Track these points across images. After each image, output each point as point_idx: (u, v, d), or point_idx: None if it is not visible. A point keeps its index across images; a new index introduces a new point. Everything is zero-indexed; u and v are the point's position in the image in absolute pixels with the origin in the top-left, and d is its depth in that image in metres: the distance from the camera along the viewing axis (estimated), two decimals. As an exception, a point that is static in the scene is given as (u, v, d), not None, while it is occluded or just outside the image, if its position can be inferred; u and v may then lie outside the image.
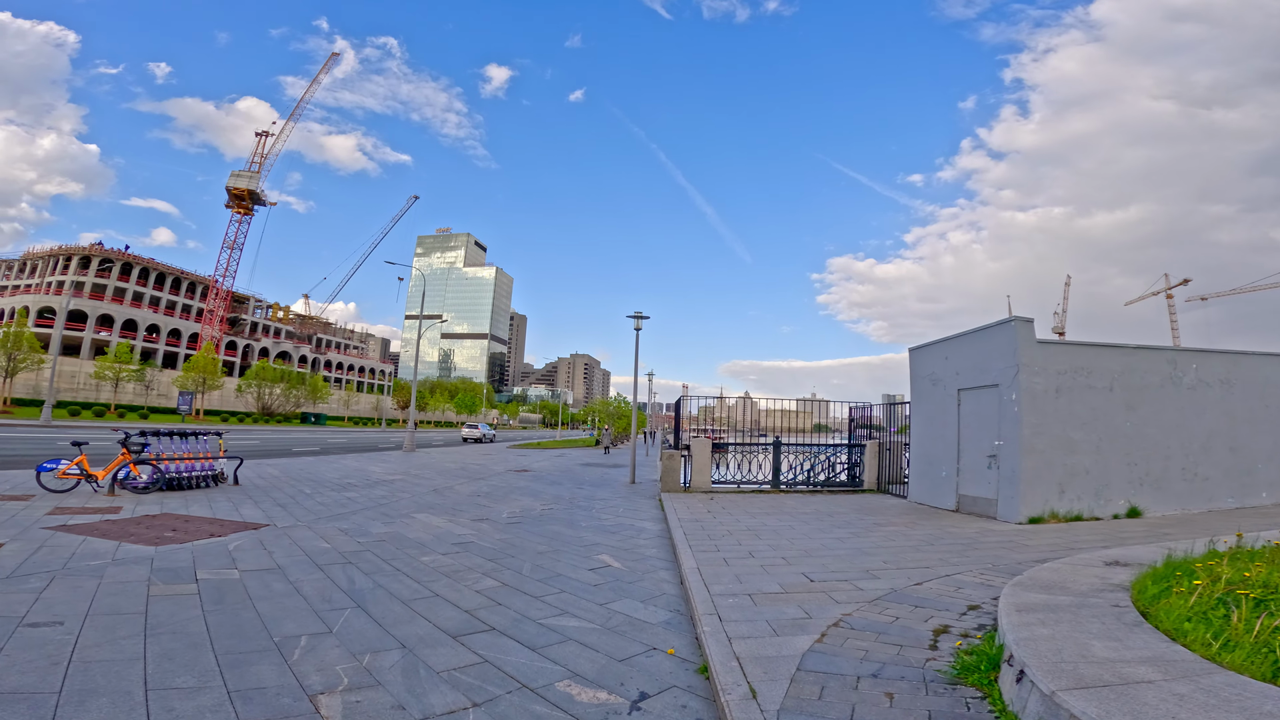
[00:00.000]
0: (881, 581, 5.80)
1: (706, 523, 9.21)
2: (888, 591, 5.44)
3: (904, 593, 5.41)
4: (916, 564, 6.60)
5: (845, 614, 4.77)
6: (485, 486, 14.49)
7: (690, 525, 8.92)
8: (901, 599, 5.19)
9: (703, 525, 8.97)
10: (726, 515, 10.04)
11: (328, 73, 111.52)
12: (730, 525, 9.06)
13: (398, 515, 9.70)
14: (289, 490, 12.22)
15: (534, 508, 11.14)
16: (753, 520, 9.55)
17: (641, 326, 17.70)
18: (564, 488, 14.96)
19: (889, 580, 5.84)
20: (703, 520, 9.45)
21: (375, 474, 16.67)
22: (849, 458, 14.44)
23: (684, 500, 11.80)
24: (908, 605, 5.00)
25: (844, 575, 6.04)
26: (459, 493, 13.10)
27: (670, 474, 12.98)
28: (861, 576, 6.00)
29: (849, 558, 6.89)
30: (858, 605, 5.00)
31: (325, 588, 5.47)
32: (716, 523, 9.26)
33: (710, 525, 9.01)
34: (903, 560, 6.79)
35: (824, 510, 10.89)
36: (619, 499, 12.94)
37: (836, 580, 5.84)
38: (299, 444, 33.19)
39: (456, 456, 26.78)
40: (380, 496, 11.94)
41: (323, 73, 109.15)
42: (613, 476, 18.87)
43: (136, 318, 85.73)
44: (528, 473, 18.96)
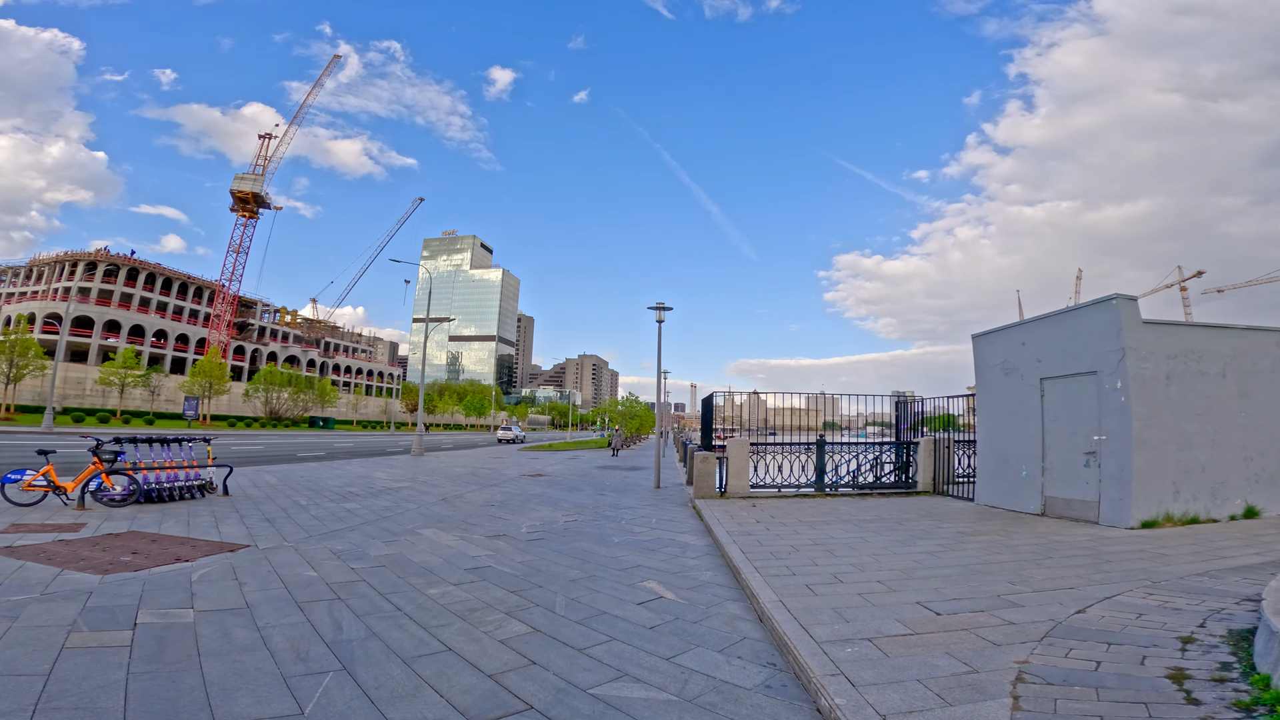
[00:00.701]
0: (1028, 610, 4.49)
1: (761, 535, 7.87)
2: (1049, 624, 4.16)
3: (1073, 625, 4.12)
4: (1052, 584, 5.27)
5: (1020, 661, 3.49)
6: (499, 494, 13.20)
7: (743, 539, 7.58)
8: (1078, 634, 3.92)
9: (758, 539, 7.63)
10: (780, 525, 8.69)
11: (330, 76, 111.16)
12: (790, 538, 7.71)
13: (402, 531, 8.40)
14: (283, 501, 10.96)
15: (555, 519, 9.82)
16: (813, 531, 8.20)
17: (664, 319, 16.38)
18: (584, 494, 13.65)
19: (1037, 608, 4.53)
20: (754, 532, 8.11)
21: (380, 481, 15.41)
22: (897, 457, 13.06)
23: (723, 508, 10.46)
24: (1095, 643, 3.72)
25: (973, 603, 4.71)
26: (471, 502, 11.81)
27: (704, 478, 11.64)
28: (996, 604, 4.68)
29: (960, 578, 5.54)
30: (1028, 647, 3.72)
31: (302, 637, 4.17)
32: (773, 535, 7.91)
33: (766, 539, 7.67)
34: (1030, 579, 5.45)
35: (887, 516, 9.51)
36: (647, 507, 11.62)
37: (968, 611, 4.51)
38: (305, 449, 32.07)
39: (466, 460, 25.54)
40: (384, 508, 10.66)
41: (325, 76, 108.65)
42: (634, 481, 17.55)
43: (143, 323, 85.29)
44: (543, 478, 17.66)
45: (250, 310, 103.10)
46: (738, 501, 11.24)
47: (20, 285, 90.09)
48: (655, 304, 16.24)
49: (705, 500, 11.33)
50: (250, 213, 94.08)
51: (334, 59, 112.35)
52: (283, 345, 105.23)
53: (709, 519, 9.24)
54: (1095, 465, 8.52)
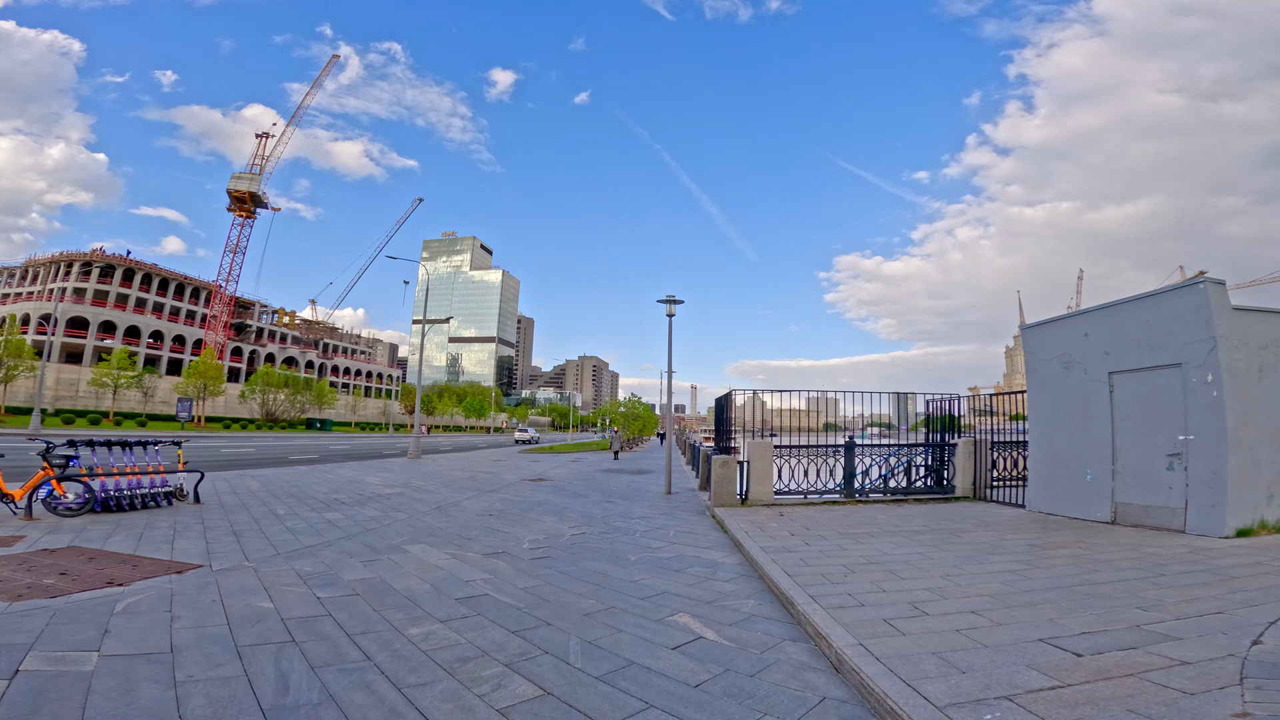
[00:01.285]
0: (1190, 644, 3.54)
1: (802, 552, 6.79)
2: (1233, 660, 3.27)
3: (1263, 660, 3.18)
4: (1192, 608, 4.30)
5: (1238, 716, 2.47)
6: (498, 502, 12.12)
7: (783, 557, 6.51)
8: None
9: (800, 556, 6.55)
10: (819, 539, 7.61)
11: (329, 76, 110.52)
12: (837, 555, 6.63)
13: (386, 548, 7.31)
14: (258, 510, 9.88)
15: (561, 532, 8.74)
16: (860, 546, 7.13)
17: (674, 313, 15.32)
18: (591, 501, 12.57)
19: (1198, 640, 3.61)
20: (793, 548, 7.03)
21: (371, 486, 14.33)
22: (930, 459, 11.99)
23: (747, 517, 9.39)
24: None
25: (1113, 637, 3.71)
26: (467, 511, 10.74)
27: (724, 484, 10.56)
28: (1143, 637, 3.68)
29: (1073, 604, 4.49)
30: (1231, 694, 2.73)
31: (230, 701, 3.10)
32: (815, 551, 6.84)
33: (810, 556, 6.59)
34: (1160, 603, 4.45)
35: (936, 526, 8.43)
36: (661, 516, 10.54)
37: (1115, 649, 3.53)
38: (298, 451, 31.00)
39: (465, 464, 24.46)
40: (369, 518, 9.59)
41: (323, 76, 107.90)
42: (642, 486, 16.46)
43: (139, 324, 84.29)
44: (545, 482, 16.57)
45: (248, 311, 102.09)
46: (762, 510, 10.16)
47: (15, 286, 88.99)
48: (665, 297, 15.18)
49: (726, 509, 10.25)
50: (247, 213, 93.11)
51: (332, 59, 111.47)
52: (281, 346, 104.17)
53: (735, 531, 8.16)
54: (1181, 468, 7.45)
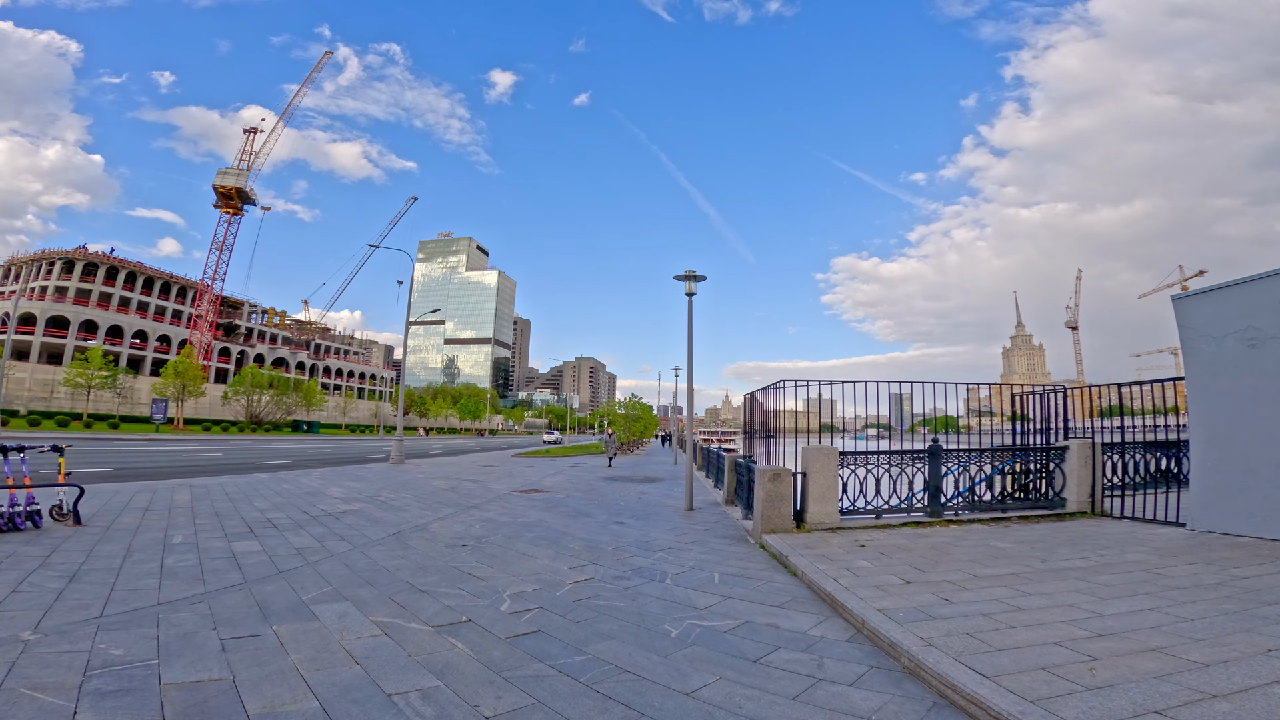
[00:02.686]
0: None
1: (956, 618, 4.20)
2: None
3: None
4: None
5: None
6: (477, 524, 9.52)
7: (933, 630, 3.92)
8: None
9: (961, 626, 3.95)
10: (959, 589, 5.00)
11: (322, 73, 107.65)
12: (1026, 624, 4.02)
13: (284, 609, 4.71)
14: (150, 536, 7.28)
15: (559, 578, 6.14)
16: (1038, 600, 4.53)
17: (695, 291, 12.77)
18: (595, 522, 9.98)
19: None
20: (931, 608, 4.44)
21: (328, 501, 11.73)
22: (1037, 465, 9.46)
23: (815, 549, 6.81)
24: None
25: None
26: (434, 539, 8.14)
27: (776, 504, 7.94)
28: None
29: None
30: None
31: None
32: (978, 614, 4.23)
33: (979, 625, 3.99)
34: None
35: (1106, 560, 5.83)
36: (692, 545, 7.97)
37: None
38: (272, 455, 28.35)
39: (451, 470, 21.83)
40: (294, 552, 6.97)
41: (315, 72, 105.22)
42: (655, 499, 13.87)
43: (123, 323, 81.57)
44: (539, 494, 13.97)
45: (237, 311, 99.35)
46: (830, 537, 7.58)
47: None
48: (684, 272, 12.63)
49: (780, 536, 7.67)
50: (234, 209, 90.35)
51: (325, 55, 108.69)
52: (271, 347, 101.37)
53: (814, 575, 5.59)
54: None
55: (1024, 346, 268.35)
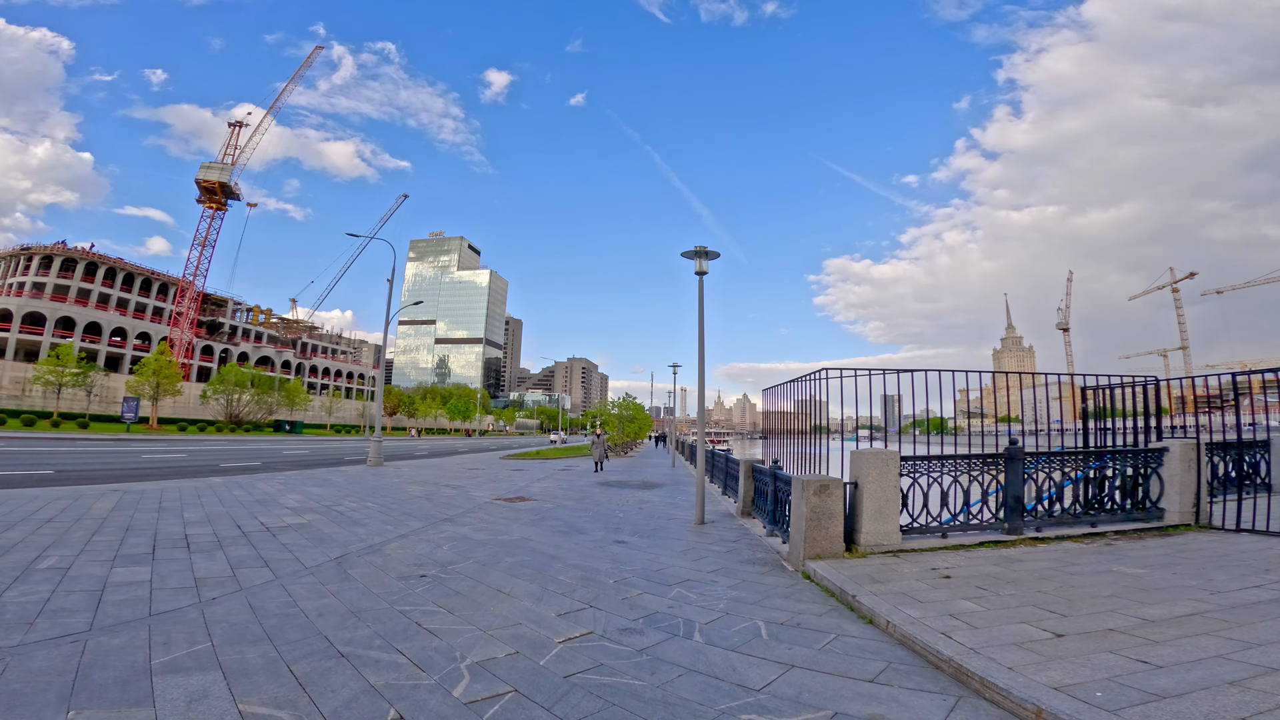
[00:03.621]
0: None
1: (1172, 691, 2.56)
2: None
3: None
4: None
5: None
6: (446, 544, 7.79)
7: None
8: None
9: None
10: (1148, 644, 3.35)
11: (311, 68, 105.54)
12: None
13: (107, 684, 2.99)
14: (13, 559, 5.51)
15: (545, 631, 4.42)
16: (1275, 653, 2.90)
17: (706, 269, 11.12)
18: (591, 540, 8.28)
19: None
20: (1126, 676, 2.78)
21: (277, 511, 9.98)
22: (1134, 470, 7.83)
23: (889, 582, 5.17)
24: None
25: None
26: (385, 566, 6.41)
27: (823, 522, 6.24)
28: None
29: None
30: None
31: None
32: (1207, 684, 2.60)
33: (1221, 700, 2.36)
34: None
35: (1272, 596, 4.22)
36: (718, 576, 6.29)
37: None
38: (243, 457, 26.46)
39: (432, 473, 20.05)
40: (192, 584, 5.22)
41: (305, 66, 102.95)
42: (658, 508, 12.19)
43: (101, 320, 79.08)
44: (525, 504, 12.24)
45: (221, 309, 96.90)
46: (896, 564, 5.92)
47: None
48: (695, 248, 10.98)
49: (830, 563, 6.00)
50: (218, 204, 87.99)
51: (316, 50, 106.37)
52: (255, 346, 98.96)
53: (910, 629, 3.95)
54: None
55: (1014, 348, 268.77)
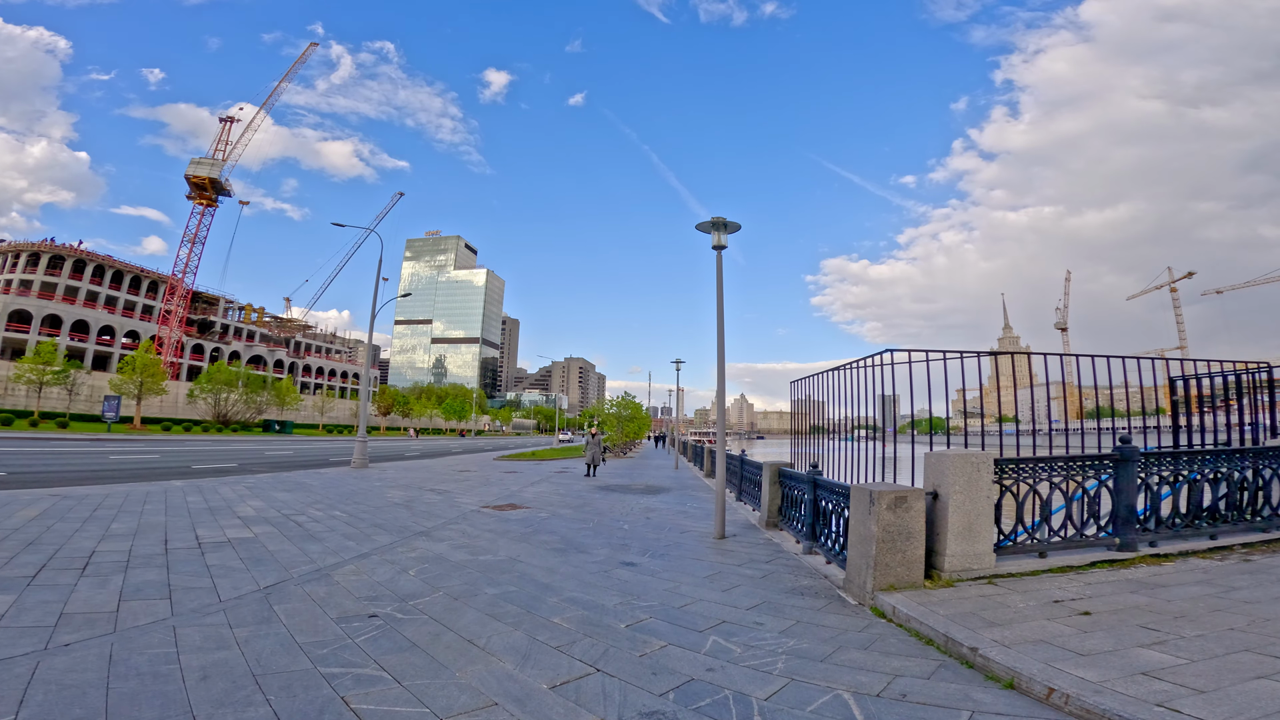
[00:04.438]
0: None
1: None
2: None
3: None
4: None
5: None
6: (414, 569, 6.34)
7: None
8: None
9: None
10: None
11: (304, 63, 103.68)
12: None
13: None
14: None
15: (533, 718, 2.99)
16: None
17: (725, 244, 9.69)
18: (594, 562, 6.84)
19: None
20: None
21: (227, 522, 8.53)
22: (1242, 470, 6.41)
23: (1012, 624, 3.78)
24: None
25: None
26: (327, 600, 4.95)
27: (898, 543, 4.78)
28: None
29: None
30: None
31: None
32: None
33: None
34: None
35: None
36: (761, 613, 4.87)
37: None
38: (221, 458, 24.96)
39: (419, 476, 18.58)
40: (47, 624, 3.76)
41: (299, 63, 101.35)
42: (667, 518, 10.76)
43: (88, 318, 77.36)
44: (517, 513, 10.80)
45: (213, 308, 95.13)
46: (1000, 594, 4.51)
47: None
48: (711, 220, 9.55)
49: (909, 595, 4.57)
50: (208, 200, 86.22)
51: (310, 47, 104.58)
52: (248, 345, 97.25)
53: (1113, 710, 2.51)
54: None
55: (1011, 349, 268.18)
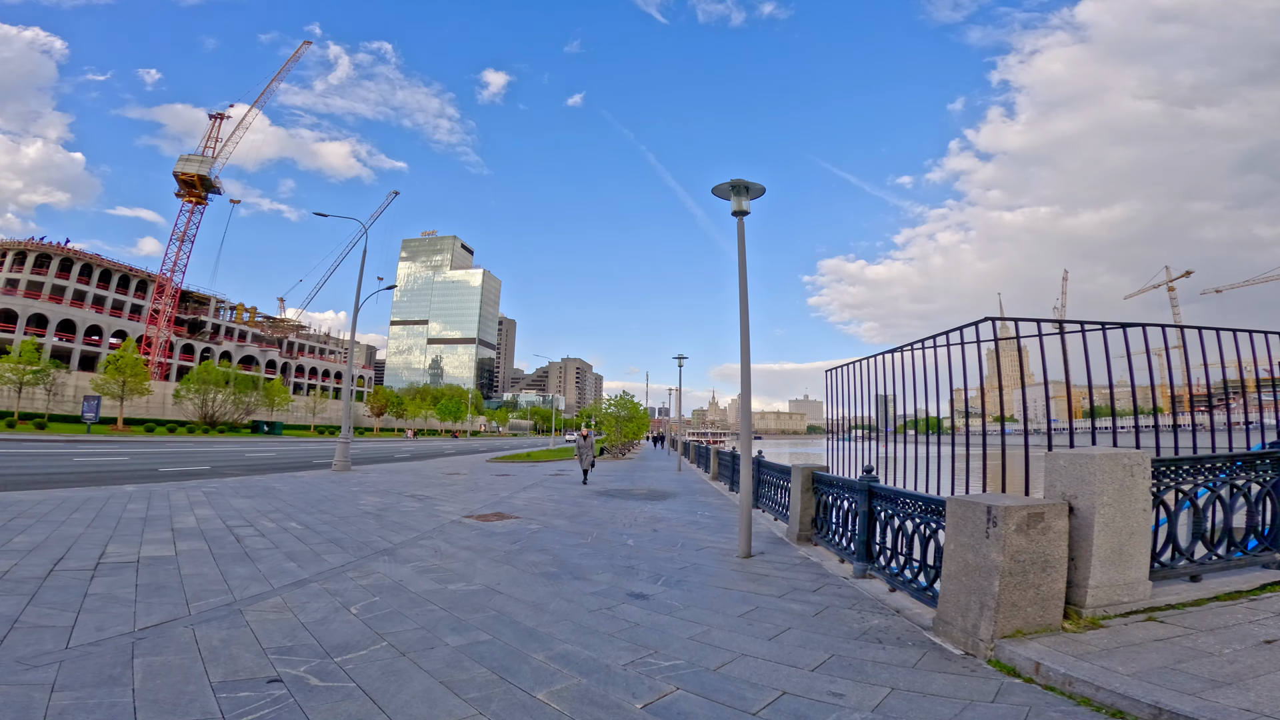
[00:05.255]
0: None
1: None
2: None
3: None
4: None
5: None
6: (358, 606, 4.89)
7: None
8: None
9: None
10: None
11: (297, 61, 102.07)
12: None
13: None
14: None
15: None
16: None
17: (748, 209, 8.30)
18: (594, 593, 5.42)
19: None
20: None
21: (155, 536, 7.11)
22: None
23: (1247, 687, 2.37)
24: None
25: None
26: (208, 664, 3.47)
27: (1032, 576, 3.42)
28: None
29: None
30: None
31: None
32: None
33: None
34: None
35: None
36: (845, 687, 3.45)
37: None
38: (198, 460, 23.53)
39: (403, 480, 17.13)
40: None
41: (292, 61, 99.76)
42: (676, 529, 9.34)
43: (75, 318, 75.68)
44: (503, 524, 9.37)
45: (204, 307, 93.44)
46: (1190, 639, 3.13)
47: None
48: (730, 182, 8.16)
49: (1056, 645, 3.18)
50: (197, 198, 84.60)
51: (303, 45, 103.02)
52: (239, 345, 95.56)
53: None
54: None
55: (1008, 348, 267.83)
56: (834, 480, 6.68)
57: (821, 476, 7.24)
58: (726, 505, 12.39)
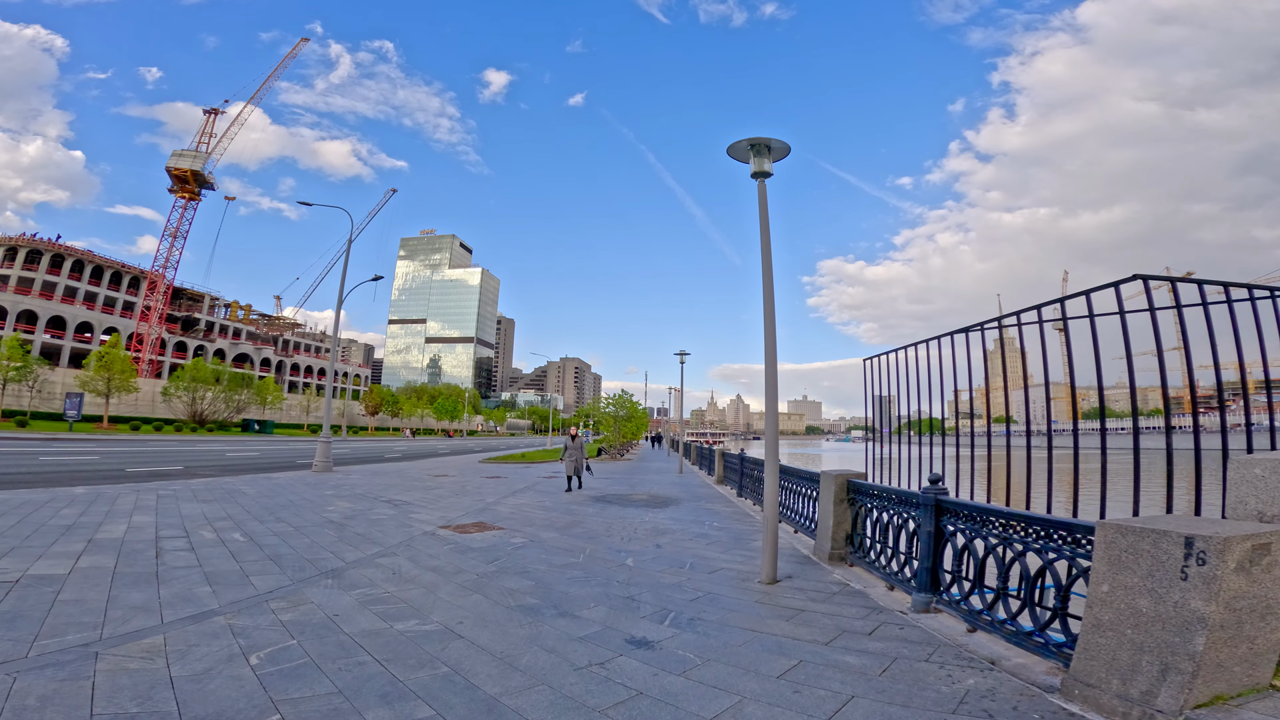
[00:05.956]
0: None
1: None
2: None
3: None
4: None
5: None
6: (258, 654, 3.65)
7: None
8: None
9: None
10: None
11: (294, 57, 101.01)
12: None
13: None
14: None
15: None
16: None
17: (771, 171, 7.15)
18: (582, 638, 4.21)
19: None
20: None
21: (59, 549, 5.87)
22: None
23: None
24: None
25: None
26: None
27: (1244, 627, 2.26)
28: None
29: None
30: None
31: None
32: None
33: None
34: None
35: None
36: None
37: None
38: (174, 459, 22.33)
39: (382, 482, 15.92)
40: None
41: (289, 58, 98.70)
42: (683, 545, 8.14)
43: (65, 314, 74.31)
44: (483, 536, 8.15)
45: (197, 305, 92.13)
46: None
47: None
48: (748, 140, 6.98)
49: (1259, 708, 1.97)
50: (190, 194, 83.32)
51: (301, 42, 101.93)
52: (233, 342, 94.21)
53: None
54: None
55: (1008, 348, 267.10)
56: (881, 491, 5.48)
57: (861, 485, 6.03)
58: (737, 514, 11.19)
